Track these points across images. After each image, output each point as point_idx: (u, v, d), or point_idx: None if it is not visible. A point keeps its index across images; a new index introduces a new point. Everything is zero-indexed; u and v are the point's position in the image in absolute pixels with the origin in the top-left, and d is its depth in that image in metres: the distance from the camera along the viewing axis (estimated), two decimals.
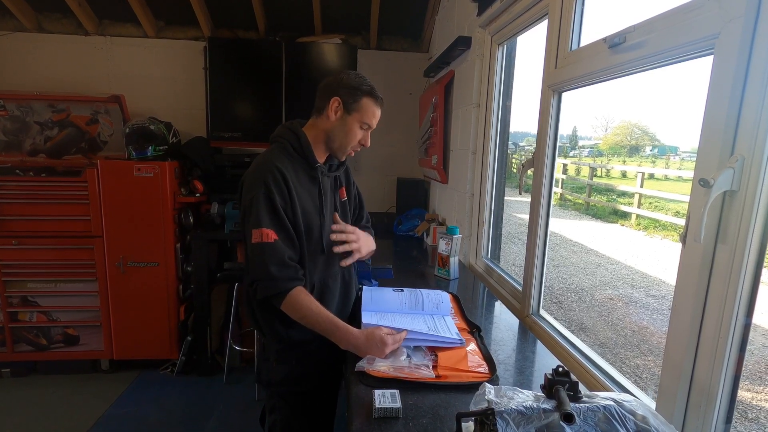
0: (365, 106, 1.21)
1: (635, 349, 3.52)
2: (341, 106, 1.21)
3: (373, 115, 1.23)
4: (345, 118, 1.21)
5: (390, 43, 3.21)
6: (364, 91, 1.20)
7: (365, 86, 1.21)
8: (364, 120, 1.22)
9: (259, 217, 1.11)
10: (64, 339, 2.71)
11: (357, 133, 1.23)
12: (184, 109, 3.06)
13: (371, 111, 1.22)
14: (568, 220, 8.93)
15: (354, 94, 1.20)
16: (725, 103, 0.75)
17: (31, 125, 2.78)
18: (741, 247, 0.74)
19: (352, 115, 1.21)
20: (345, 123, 1.22)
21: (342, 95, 1.20)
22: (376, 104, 1.23)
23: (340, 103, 1.20)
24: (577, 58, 1.27)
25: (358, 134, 1.24)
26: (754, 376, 3.05)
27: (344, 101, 1.20)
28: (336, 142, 1.24)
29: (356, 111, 1.21)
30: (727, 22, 0.75)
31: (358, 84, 1.20)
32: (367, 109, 1.21)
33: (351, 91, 1.20)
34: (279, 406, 1.29)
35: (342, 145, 1.25)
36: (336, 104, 1.20)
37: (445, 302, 1.35)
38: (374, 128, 1.27)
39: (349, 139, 1.24)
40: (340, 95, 1.20)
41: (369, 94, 1.21)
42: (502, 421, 0.65)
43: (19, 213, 2.55)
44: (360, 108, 1.21)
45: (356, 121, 1.22)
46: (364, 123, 1.23)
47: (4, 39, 2.86)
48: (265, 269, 1.10)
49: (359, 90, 1.20)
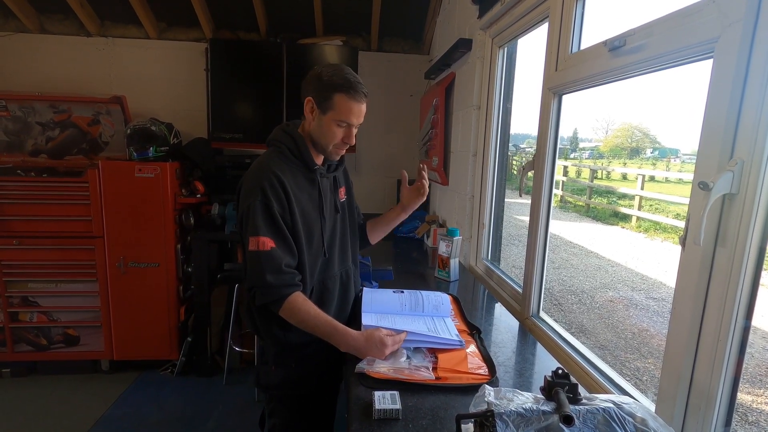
0: (339, 103, 1.12)
1: (635, 351, 3.51)
2: (315, 107, 1.15)
3: (349, 111, 1.13)
4: (321, 118, 1.15)
5: (391, 45, 3.21)
6: (336, 87, 1.11)
7: (338, 80, 1.11)
8: (340, 118, 1.14)
9: (256, 225, 1.09)
10: (64, 339, 2.72)
11: (335, 132, 1.16)
12: (186, 110, 3.07)
13: (346, 107, 1.13)
14: (568, 222, 8.93)
15: (325, 92, 1.12)
16: (725, 107, 0.75)
17: (33, 126, 2.79)
18: (740, 249, 0.74)
19: (327, 114, 1.14)
20: (321, 123, 1.15)
21: (314, 95, 1.14)
22: (351, 99, 1.12)
23: (314, 103, 1.14)
24: (578, 61, 1.27)
25: (338, 133, 1.16)
26: (754, 379, 3.05)
27: (317, 101, 1.14)
28: (318, 143, 1.19)
29: (330, 109, 1.13)
30: (727, 26, 0.75)
31: (330, 80, 1.11)
32: (341, 106, 1.12)
33: (322, 89, 1.12)
34: (278, 410, 1.29)
35: (323, 146, 1.19)
36: (310, 105, 1.15)
37: (445, 304, 1.35)
38: (358, 124, 1.18)
39: (328, 140, 1.17)
40: (312, 95, 1.14)
41: (342, 89, 1.11)
42: (502, 422, 0.65)
43: (20, 213, 2.56)
44: (333, 106, 1.13)
45: (332, 120, 1.14)
46: (341, 121, 1.14)
47: (6, 40, 2.87)
48: (261, 277, 1.09)
49: (331, 86, 1.11)
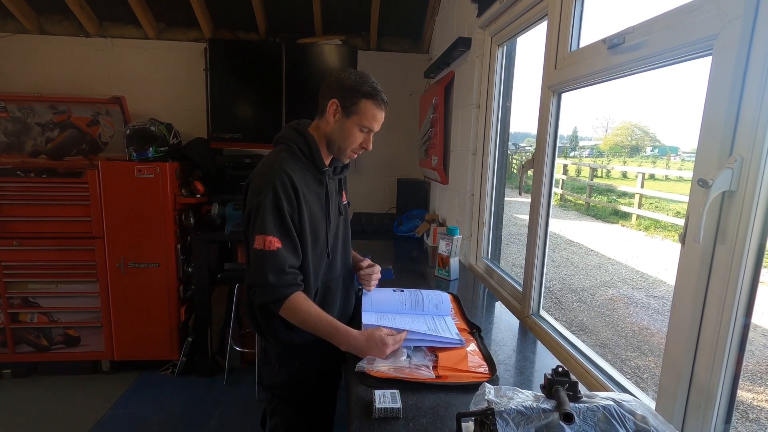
0: (364, 108, 1.15)
1: (636, 349, 3.51)
2: (339, 109, 1.15)
3: (373, 118, 1.16)
4: (344, 121, 1.16)
5: (390, 44, 3.21)
6: (364, 93, 1.14)
7: (366, 87, 1.14)
8: (363, 123, 1.16)
9: (265, 224, 1.08)
10: (65, 340, 2.72)
11: (357, 136, 1.18)
12: (185, 111, 3.07)
13: (371, 114, 1.16)
14: (568, 220, 8.93)
15: (352, 96, 1.14)
16: (724, 104, 0.75)
17: (32, 126, 2.79)
18: (740, 247, 0.74)
19: (350, 119, 1.15)
20: (344, 126, 1.16)
21: (340, 97, 1.14)
22: (376, 106, 1.16)
23: (338, 105, 1.15)
24: (577, 59, 1.27)
25: (358, 137, 1.19)
26: (754, 376, 3.05)
27: (342, 104, 1.14)
28: (335, 145, 1.20)
29: (355, 114, 1.15)
30: (726, 23, 0.75)
31: (358, 85, 1.14)
32: (367, 111, 1.15)
33: (349, 93, 1.14)
34: (280, 409, 1.29)
35: (341, 149, 1.20)
36: (334, 107, 1.15)
37: (445, 303, 1.35)
38: (377, 131, 1.21)
39: (348, 143, 1.19)
40: (338, 97, 1.15)
41: (369, 96, 1.14)
42: (502, 421, 0.65)
43: (20, 214, 2.56)
44: (359, 111, 1.15)
45: (355, 124, 1.16)
46: (363, 126, 1.17)
47: (5, 41, 2.87)
48: (263, 277, 1.08)
49: (358, 92, 1.13)
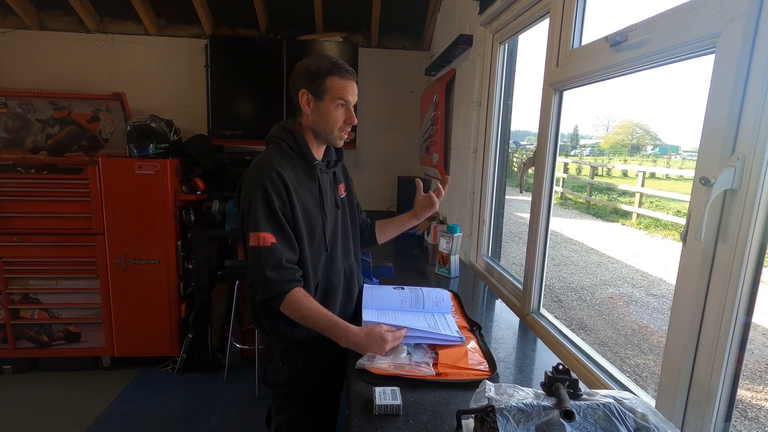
0: (331, 85, 1.16)
1: (635, 347, 3.52)
2: (311, 96, 1.18)
3: (343, 89, 1.17)
4: (319, 105, 1.18)
5: (391, 42, 3.20)
6: (326, 71, 1.16)
7: (326, 65, 1.16)
8: (337, 99, 1.17)
9: (257, 221, 1.10)
10: (65, 336, 2.72)
11: (337, 115, 1.19)
12: (185, 107, 3.06)
13: (340, 86, 1.17)
14: (568, 219, 8.93)
15: (317, 79, 1.16)
16: (726, 102, 0.75)
17: (33, 123, 2.79)
18: (741, 245, 0.74)
19: (324, 100, 1.17)
20: (320, 110, 1.18)
21: (306, 85, 1.17)
22: (343, 78, 1.17)
23: (308, 93, 1.17)
24: (579, 57, 1.26)
25: (339, 115, 1.19)
26: (754, 375, 3.06)
27: (311, 90, 1.17)
28: (321, 132, 1.21)
29: (326, 93, 1.16)
30: (729, 20, 0.75)
31: (318, 67, 1.16)
32: (335, 86, 1.16)
33: (313, 77, 1.16)
34: (285, 407, 1.29)
35: (328, 132, 1.21)
36: (305, 97, 1.18)
37: (445, 300, 1.36)
38: (354, 102, 1.21)
39: (331, 125, 1.20)
40: (305, 86, 1.17)
41: (331, 71, 1.16)
42: (503, 418, 0.65)
43: (20, 210, 2.56)
44: (327, 89, 1.16)
45: (330, 103, 1.17)
46: (338, 102, 1.17)
47: (5, 36, 2.86)
48: (261, 273, 1.09)
49: (320, 72, 1.16)
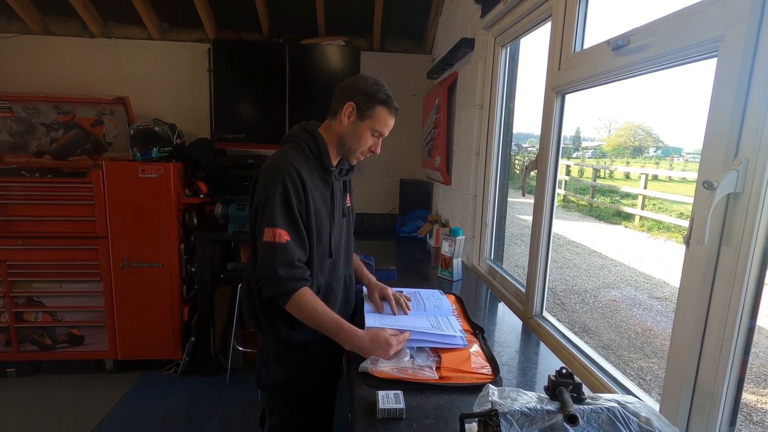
0: (379, 114, 1.21)
1: (639, 351, 3.50)
2: (354, 112, 1.21)
3: (385, 123, 1.23)
4: (357, 123, 1.22)
5: (393, 45, 3.21)
6: (380, 100, 1.20)
7: (381, 94, 1.21)
8: (376, 128, 1.23)
9: (274, 216, 1.10)
10: (68, 339, 2.73)
11: (368, 139, 1.24)
12: (189, 111, 3.08)
13: (384, 119, 1.22)
14: (571, 221, 8.90)
15: (369, 101, 1.20)
16: (729, 106, 0.75)
17: (37, 127, 2.81)
18: (745, 249, 0.74)
19: (364, 122, 1.21)
20: (357, 128, 1.22)
21: (357, 101, 1.20)
22: (389, 113, 1.23)
23: (354, 108, 1.20)
24: (581, 60, 1.27)
25: (369, 141, 1.25)
26: (759, 378, 3.03)
27: (358, 107, 1.20)
28: (346, 146, 1.25)
29: (369, 118, 1.21)
30: (731, 24, 0.75)
31: (375, 91, 1.20)
32: (380, 117, 1.22)
33: (366, 97, 1.20)
34: (279, 409, 1.29)
35: (352, 150, 1.26)
36: (350, 109, 1.21)
37: (444, 303, 1.37)
38: (386, 136, 1.27)
39: (359, 145, 1.24)
40: (355, 100, 1.20)
41: (384, 102, 1.21)
42: (506, 422, 0.65)
43: (24, 214, 2.57)
44: (373, 115, 1.21)
45: (368, 128, 1.22)
46: (375, 130, 1.23)
47: (10, 41, 2.88)
48: (272, 269, 1.09)
49: (375, 97, 1.20)
